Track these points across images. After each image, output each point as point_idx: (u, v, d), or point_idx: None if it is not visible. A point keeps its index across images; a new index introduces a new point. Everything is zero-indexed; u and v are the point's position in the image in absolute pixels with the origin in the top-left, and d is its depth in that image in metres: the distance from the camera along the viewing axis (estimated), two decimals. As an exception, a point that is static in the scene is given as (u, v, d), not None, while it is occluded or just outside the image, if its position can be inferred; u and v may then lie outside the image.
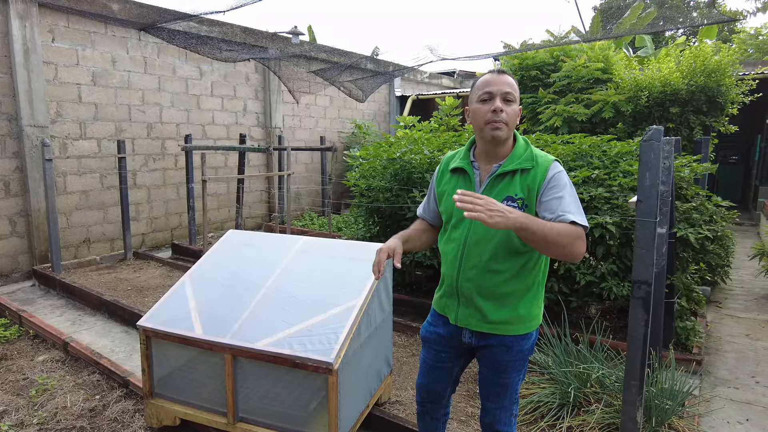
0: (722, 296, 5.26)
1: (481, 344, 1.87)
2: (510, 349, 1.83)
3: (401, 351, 3.84)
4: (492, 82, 1.75)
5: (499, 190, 1.77)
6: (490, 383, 1.91)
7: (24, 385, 3.33)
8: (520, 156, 1.78)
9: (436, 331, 1.98)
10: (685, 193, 3.90)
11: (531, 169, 1.75)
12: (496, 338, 1.83)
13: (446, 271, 1.89)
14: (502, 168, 1.77)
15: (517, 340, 1.83)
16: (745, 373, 3.56)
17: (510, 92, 1.74)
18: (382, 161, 4.87)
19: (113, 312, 4.59)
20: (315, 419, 2.34)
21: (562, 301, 3.71)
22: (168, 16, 6.07)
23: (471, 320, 1.84)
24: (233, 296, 2.72)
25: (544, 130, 7.38)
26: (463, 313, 1.86)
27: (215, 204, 8.12)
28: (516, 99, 1.76)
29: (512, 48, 8.39)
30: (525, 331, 1.83)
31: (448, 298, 1.91)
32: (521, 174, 1.75)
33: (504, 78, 1.76)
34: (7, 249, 5.82)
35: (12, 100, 5.73)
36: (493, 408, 1.93)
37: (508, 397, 1.91)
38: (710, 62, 6.89)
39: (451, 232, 1.86)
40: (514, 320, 1.81)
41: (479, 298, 1.80)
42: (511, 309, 1.80)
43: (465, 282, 1.81)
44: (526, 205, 1.73)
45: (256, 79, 8.67)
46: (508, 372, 1.86)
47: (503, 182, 1.77)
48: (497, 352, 1.84)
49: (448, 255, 1.87)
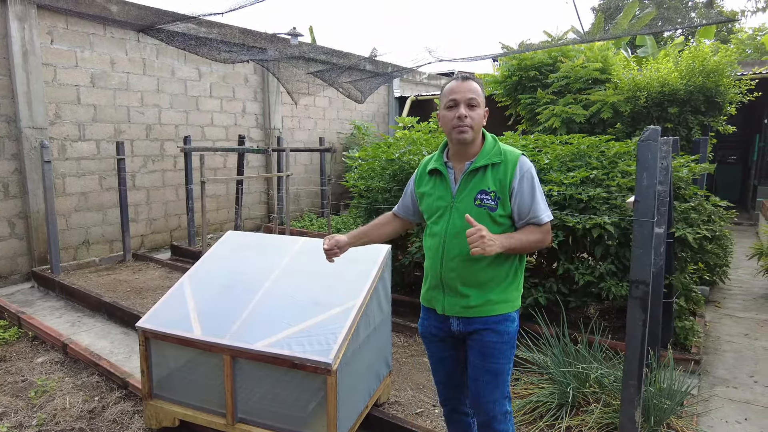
0: (721, 296, 5.26)
1: (469, 330, 1.97)
2: (495, 331, 1.94)
3: (400, 351, 3.85)
4: (456, 90, 1.89)
5: (473, 185, 1.92)
6: (479, 370, 1.97)
7: (23, 387, 3.33)
8: (489, 152, 1.94)
9: (430, 325, 2.09)
10: (683, 193, 3.91)
11: (500, 164, 1.91)
12: (480, 321, 1.94)
13: (430, 264, 2.02)
14: (473, 165, 1.92)
15: (501, 321, 1.95)
16: (743, 373, 3.56)
17: (473, 98, 1.88)
18: (381, 162, 4.87)
19: (112, 313, 4.59)
20: (314, 420, 2.34)
21: (561, 301, 3.72)
22: (167, 17, 6.08)
23: (457, 308, 1.96)
24: (232, 297, 2.72)
25: (543, 130, 7.39)
26: (449, 302, 1.97)
27: (214, 205, 8.13)
28: (480, 103, 1.90)
29: (510, 49, 8.41)
30: (506, 311, 1.95)
31: (433, 290, 2.02)
32: (492, 168, 1.91)
33: (468, 85, 1.89)
34: (6, 251, 5.82)
35: (11, 102, 5.73)
36: (485, 403, 1.97)
37: (499, 390, 1.97)
38: (708, 62, 6.90)
39: (432, 227, 2.00)
40: (495, 301, 1.94)
41: (462, 287, 1.93)
42: (493, 293, 1.93)
43: (449, 272, 1.93)
44: (498, 197, 1.89)
45: (255, 81, 8.68)
46: (496, 356, 1.95)
47: (476, 177, 1.93)
48: (484, 334, 1.95)
49: (431, 249, 2.01)
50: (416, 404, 3.09)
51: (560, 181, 3.87)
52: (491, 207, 1.88)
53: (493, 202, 1.88)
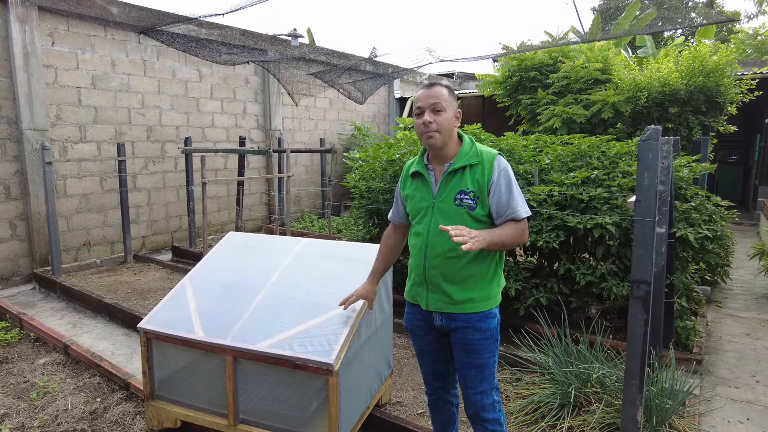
0: (722, 296, 5.26)
1: (451, 326, 2.04)
2: (477, 329, 2.01)
3: (401, 352, 3.85)
4: (421, 98, 1.98)
5: (452, 185, 1.99)
6: (465, 366, 2.06)
7: (25, 388, 3.34)
8: (467, 153, 2.00)
9: (414, 319, 2.17)
10: (684, 192, 3.91)
11: (478, 164, 1.98)
12: (462, 319, 2.01)
13: (414, 261, 2.09)
14: (452, 166, 2.00)
15: (482, 318, 2.01)
16: (745, 373, 3.56)
17: (438, 102, 1.94)
18: (382, 163, 4.87)
19: (114, 315, 4.60)
20: (315, 420, 2.34)
21: (562, 301, 3.71)
22: (167, 19, 6.08)
23: (439, 303, 2.03)
24: (234, 298, 2.73)
25: (543, 131, 7.39)
26: (432, 299, 2.04)
27: (215, 206, 8.13)
28: (446, 107, 1.95)
29: (510, 49, 8.40)
30: (487, 308, 2.02)
31: (417, 287, 2.09)
32: (470, 169, 1.98)
33: (433, 91, 1.96)
34: (8, 252, 5.83)
35: (12, 104, 5.74)
36: (472, 394, 2.06)
37: (486, 381, 2.06)
38: (709, 62, 6.90)
39: (416, 226, 2.08)
40: (476, 299, 2.00)
41: (445, 283, 2.00)
42: (474, 289, 2.00)
43: (431, 270, 2.01)
44: (477, 197, 1.96)
45: (256, 82, 8.69)
46: (480, 352, 2.03)
47: (455, 178, 2.00)
48: (466, 332, 2.02)
49: (415, 247, 2.08)
50: (418, 405, 3.09)
51: (561, 181, 3.87)
52: (471, 206, 1.96)
53: (472, 202, 1.95)
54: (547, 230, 3.68)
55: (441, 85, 1.99)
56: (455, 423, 2.34)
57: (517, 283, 3.84)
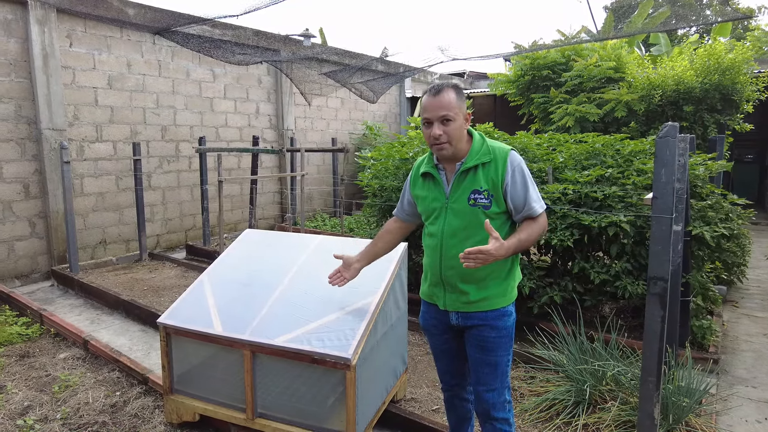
0: (738, 295, 5.20)
1: (467, 324, 2.04)
2: (493, 327, 2.00)
3: (416, 349, 3.87)
4: (428, 108, 1.92)
5: (465, 185, 1.97)
6: (479, 363, 2.05)
7: (47, 382, 3.41)
8: (479, 151, 1.97)
9: (430, 318, 2.17)
10: (700, 191, 3.88)
11: (490, 162, 1.95)
12: (478, 317, 2.01)
13: (429, 262, 2.07)
14: (464, 165, 1.96)
15: (499, 316, 2.01)
16: (763, 373, 3.53)
17: (446, 114, 1.88)
18: (395, 161, 4.90)
19: (130, 311, 4.67)
20: (333, 415, 2.37)
21: (577, 299, 3.71)
22: (182, 20, 6.16)
23: (457, 303, 2.02)
24: (251, 294, 2.76)
25: (556, 129, 7.37)
26: (449, 299, 2.04)
27: (228, 205, 8.21)
28: (455, 116, 1.90)
29: (523, 48, 8.39)
30: (503, 305, 2.01)
31: (434, 287, 2.08)
32: (483, 168, 1.95)
33: (440, 100, 1.89)
34: (27, 250, 5.94)
35: (31, 104, 5.85)
36: (484, 392, 2.05)
37: (498, 379, 2.04)
38: (724, 60, 6.83)
39: (429, 227, 2.06)
40: (493, 296, 2.00)
41: (462, 284, 1.99)
42: (490, 287, 1.99)
43: (448, 270, 1.99)
44: (492, 195, 1.94)
45: (268, 82, 8.75)
46: (495, 350, 2.02)
47: (468, 177, 1.97)
48: (482, 330, 2.01)
49: (429, 248, 2.06)
50: (432, 401, 3.11)
51: (575, 179, 3.86)
52: (485, 205, 1.93)
53: (486, 201, 1.93)
54: (561, 228, 3.68)
55: (448, 89, 1.90)
56: (470, 420, 2.35)
57: (531, 281, 3.84)
